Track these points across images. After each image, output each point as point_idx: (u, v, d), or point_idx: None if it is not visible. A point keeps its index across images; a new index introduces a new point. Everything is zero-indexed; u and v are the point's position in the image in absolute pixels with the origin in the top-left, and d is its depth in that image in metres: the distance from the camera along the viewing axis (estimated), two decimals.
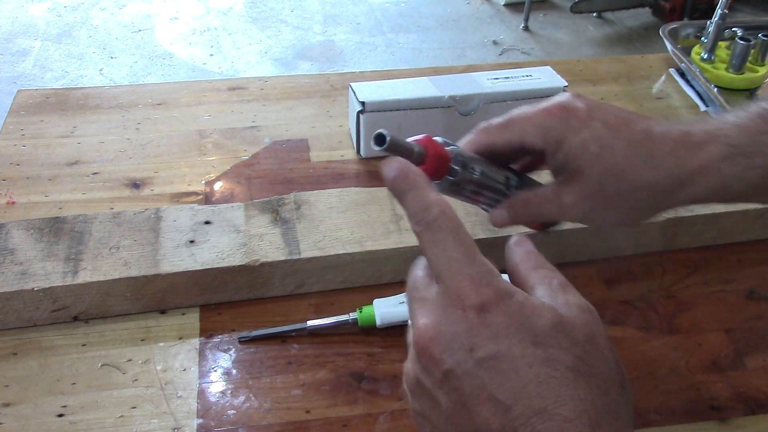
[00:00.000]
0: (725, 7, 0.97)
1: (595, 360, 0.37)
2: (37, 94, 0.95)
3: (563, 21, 3.26)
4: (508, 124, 0.51)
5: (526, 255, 0.43)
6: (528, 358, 0.35)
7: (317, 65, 2.91)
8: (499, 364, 0.35)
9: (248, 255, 0.66)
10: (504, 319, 0.36)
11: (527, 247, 0.44)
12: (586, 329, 0.38)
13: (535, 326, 0.36)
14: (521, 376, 0.35)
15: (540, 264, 0.43)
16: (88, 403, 0.58)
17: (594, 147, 0.48)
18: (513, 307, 0.37)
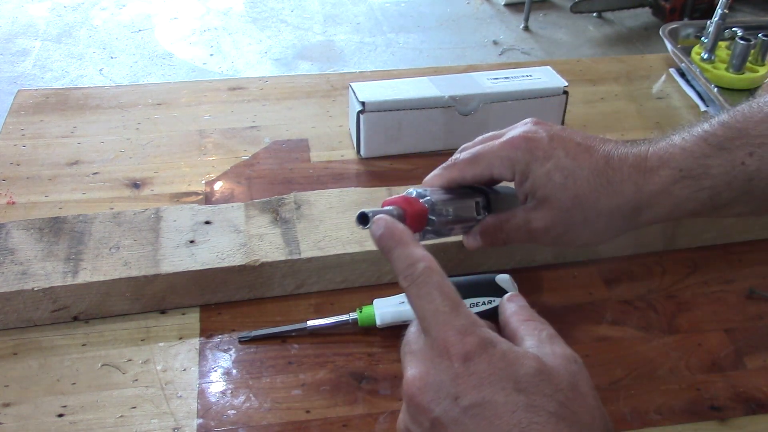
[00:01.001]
0: (725, 7, 0.97)
1: (578, 407, 0.38)
2: (37, 94, 0.95)
3: (563, 21, 3.26)
4: (475, 160, 0.55)
5: (518, 309, 0.46)
6: (511, 405, 0.36)
7: (317, 65, 2.91)
8: (484, 411, 0.36)
9: (248, 255, 0.66)
10: (487, 367, 0.37)
11: (520, 303, 0.47)
12: (570, 377, 0.39)
13: (517, 374, 0.37)
14: (505, 422, 0.36)
15: (530, 317, 0.45)
16: (88, 403, 0.58)
17: (558, 177, 0.53)
18: (496, 355, 0.38)
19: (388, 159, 0.85)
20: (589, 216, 0.53)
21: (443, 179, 0.56)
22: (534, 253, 0.72)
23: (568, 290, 0.70)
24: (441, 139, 0.86)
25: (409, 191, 0.54)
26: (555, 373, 0.38)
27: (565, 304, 0.69)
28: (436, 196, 0.54)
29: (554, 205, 0.53)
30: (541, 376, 0.38)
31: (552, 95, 0.87)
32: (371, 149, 0.85)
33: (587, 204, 0.53)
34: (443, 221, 0.54)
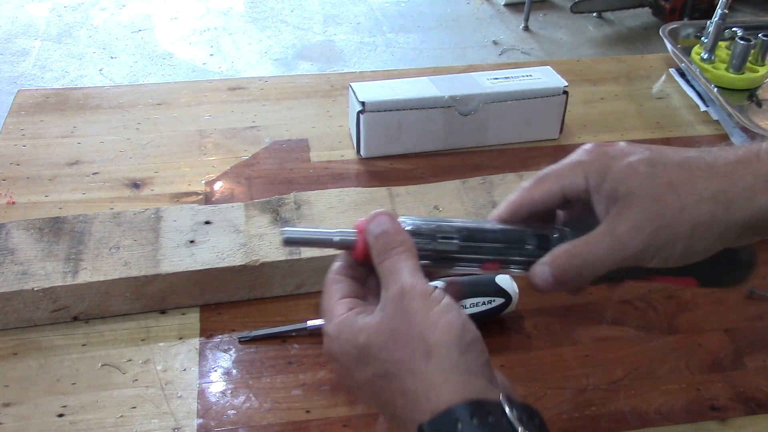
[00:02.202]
0: (725, 7, 0.97)
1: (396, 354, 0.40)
2: (37, 94, 0.95)
3: (563, 21, 3.26)
4: (542, 177, 0.47)
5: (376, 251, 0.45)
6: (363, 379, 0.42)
7: (317, 65, 2.91)
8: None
9: (248, 255, 0.66)
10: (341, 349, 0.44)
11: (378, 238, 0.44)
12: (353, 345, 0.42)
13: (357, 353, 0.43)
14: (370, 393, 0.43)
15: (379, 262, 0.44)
16: (88, 403, 0.58)
17: (643, 167, 0.44)
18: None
19: (388, 159, 0.85)
20: (687, 204, 0.43)
21: (510, 206, 0.48)
22: None
23: None
24: (441, 139, 0.86)
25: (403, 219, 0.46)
26: (372, 341, 0.41)
27: (565, 304, 0.68)
28: (424, 224, 0.46)
29: (641, 197, 0.43)
30: (366, 350, 0.41)
31: (552, 95, 0.87)
32: (371, 149, 0.85)
33: (683, 189, 0.43)
34: (439, 248, 0.45)
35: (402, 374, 0.39)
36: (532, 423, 0.38)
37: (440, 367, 0.39)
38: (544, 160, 0.86)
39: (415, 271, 0.41)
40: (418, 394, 0.39)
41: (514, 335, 0.65)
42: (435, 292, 0.41)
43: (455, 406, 0.37)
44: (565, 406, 0.59)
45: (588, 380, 0.61)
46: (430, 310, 0.40)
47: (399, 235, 0.43)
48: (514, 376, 0.61)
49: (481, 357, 0.40)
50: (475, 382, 0.39)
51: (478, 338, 0.41)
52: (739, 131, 0.90)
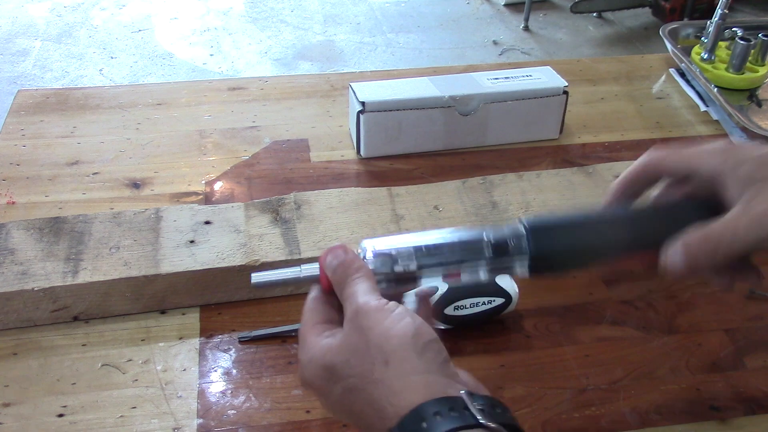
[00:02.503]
0: (725, 7, 0.97)
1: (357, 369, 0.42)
2: (37, 94, 0.95)
3: (563, 21, 3.26)
4: (681, 149, 0.49)
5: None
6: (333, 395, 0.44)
7: (317, 65, 2.91)
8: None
9: (248, 255, 0.66)
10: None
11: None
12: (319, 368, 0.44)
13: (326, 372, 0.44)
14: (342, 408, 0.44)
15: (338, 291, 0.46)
16: (88, 403, 0.58)
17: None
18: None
19: (388, 159, 0.85)
20: None
21: (639, 167, 0.50)
22: None
23: (568, 290, 0.70)
24: (441, 139, 0.86)
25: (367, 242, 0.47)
26: (336, 361, 0.43)
27: (565, 304, 0.68)
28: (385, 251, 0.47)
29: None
30: (331, 370, 0.43)
31: (552, 95, 0.87)
32: (371, 149, 0.85)
33: None
34: (393, 272, 0.46)
35: (366, 386, 0.41)
36: (494, 413, 0.39)
37: (399, 372, 0.40)
38: (544, 160, 0.86)
39: (369, 291, 0.44)
40: (383, 402, 0.40)
41: (514, 335, 0.65)
42: (388, 304, 0.43)
43: (418, 406, 0.38)
44: (565, 406, 0.59)
45: (588, 380, 0.61)
46: (384, 320, 0.42)
47: (354, 263, 0.46)
48: (514, 376, 0.61)
49: (438, 356, 0.41)
50: (434, 381, 0.40)
51: (435, 339, 0.42)
52: (739, 131, 0.91)
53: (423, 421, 0.38)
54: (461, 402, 0.39)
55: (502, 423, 0.38)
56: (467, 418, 0.38)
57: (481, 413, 0.38)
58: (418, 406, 0.38)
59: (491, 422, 0.38)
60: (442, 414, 0.38)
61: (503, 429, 0.38)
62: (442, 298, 0.63)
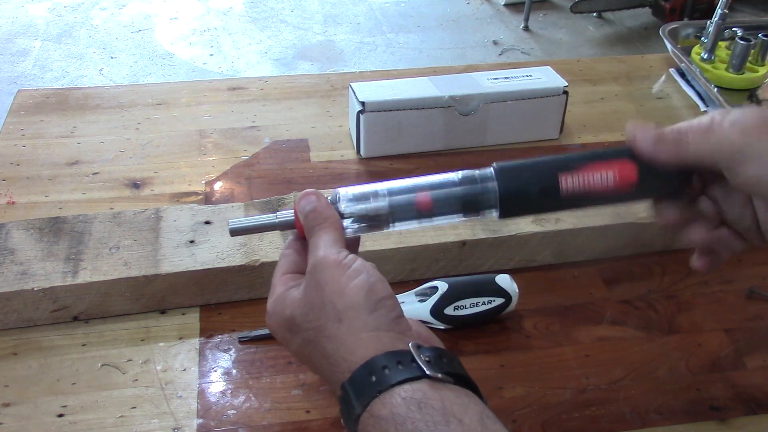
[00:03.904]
0: (725, 7, 0.97)
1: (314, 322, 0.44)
2: (37, 94, 0.95)
3: (563, 21, 3.26)
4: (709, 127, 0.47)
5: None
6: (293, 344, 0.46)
7: (317, 65, 2.91)
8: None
9: (248, 255, 0.66)
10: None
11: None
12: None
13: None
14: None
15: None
16: (88, 403, 0.58)
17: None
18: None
19: (388, 159, 0.85)
20: None
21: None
22: (534, 253, 0.72)
23: (568, 290, 0.70)
24: (441, 139, 0.86)
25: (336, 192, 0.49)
26: (296, 312, 0.45)
27: (565, 304, 0.69)
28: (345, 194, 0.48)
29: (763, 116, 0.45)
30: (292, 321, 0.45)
31: (552, 95, 0.87)
32: (371, 149, 0.85)
33: None
34: (356, 212, 0.48)
35: (321, 340, 0.43)
36: (441, 362, 0.41)
37: (350, 329, 0.42)
38: None
39: (331, 243, 0.45)
40: (336, 357, 0.42)
41: (514, 335, 0.65)
42: (346, 259, 0.44)
43: (367, 361, 0.41)
44: (565, 406, 0.59)
45: (588, 380, 0.61)
46: (340, 277, 0.43)
47: (325, 211, 0.47)
48: (514, 376, 0.61)
49: (391, 312, 0.43)
50: (384, 337, 0.42)
51: (388, 296, 0.44)
52: None
53: (372, 374, 0.40)
54: (409, 355, 0.41)
55: (448, 372, 0.40)
56: (413, 370, 0.40)
57: (427, 365, 0.40)
58: (367, 361, 0.40)
59: (437, 372, 0.40)
60: (390, 367, 0.40)
61: (449, 378, 0.40)
62: (442, 298, 0.63)
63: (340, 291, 0.43)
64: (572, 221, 0.71)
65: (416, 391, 0.39)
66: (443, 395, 0.39)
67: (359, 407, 0.40)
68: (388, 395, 0.39)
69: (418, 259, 0.69)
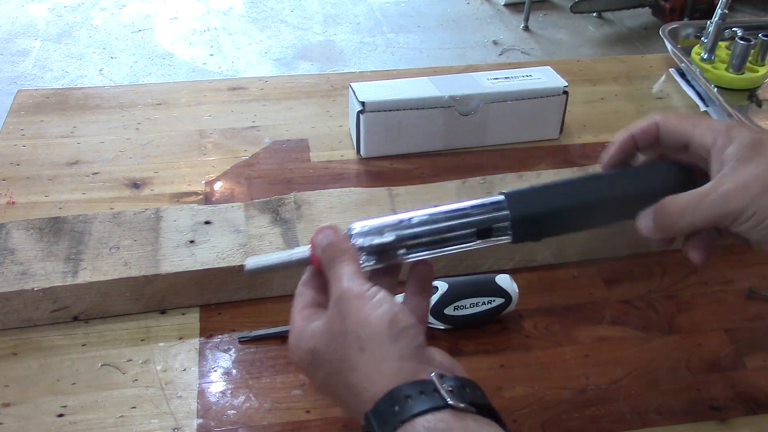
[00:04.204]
0: (725, 7, 0.97)
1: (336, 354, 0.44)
2: (37, 94, 0.95)
3: (563, 21, 3.26)
4: (686, 118, 0.51)
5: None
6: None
7: (317, 65, 2.91)
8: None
9: (248, 255, 0.66)
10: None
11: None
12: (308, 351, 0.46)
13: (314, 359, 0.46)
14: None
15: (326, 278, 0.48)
16: (88, 403, 0.58)
17: (764, 145, 0.47)
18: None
19: (388, 159, 0.85)
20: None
21: (645, 121, 0.52)
22: (534, 253, 0.72)
23: (568, 290, 0.70)
24: (441, 139, 0.86)
25: (351, 228, 0.49)
26: (320, 345, 0.45)
27: (565, 304, 0.68)
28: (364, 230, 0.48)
29: (758, 161, 0.46)
30: (316, 353, 0.45)
31: (552, 95, 0.87)
32: (371, 149, 0.85)
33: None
34: (373, 249, 0.48)
35: (344, 371, 0.43)
36: (464, 392, 0.41)
37: (373, 358, 0.42)
38: (544, 160, 0.86)
39: (353, 276, 0.45)
40: (360, 387, 0.42)
41: (514, 335, 0.65)
42: (370, 290, 0.44)
43: (390, 390, 0.40)
44: (565, 406, 0.59)
45: (588, 380, 0.61)
46: (363, 307, 0.43)
47: (342, 245, 0.47)
48: (514, 376, 0.61)
49: (414, 341, 0.43)
50: (407, 366, 0.42)
51: (411, 325, 0.43)
52: None
53: (395, 404, 0.40)
54: (432, 384, 0.40)
55: (471, 402, 0.40)
56: (436, 399, 0.40)
57: (450, 394, 0.40)
58: (390, 391, 0.40)
59: (460, 402, 0.40)
60: (413, 397, 0.40)
61: (472, 407, 0.40)
62: (442, 298, 0.63)
63: (363, 321, 0.43)
64: None
65: (439, 421, 0.39)
66: (466, 425, 0.39)
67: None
68: (410, 425, 0.39)
69: None
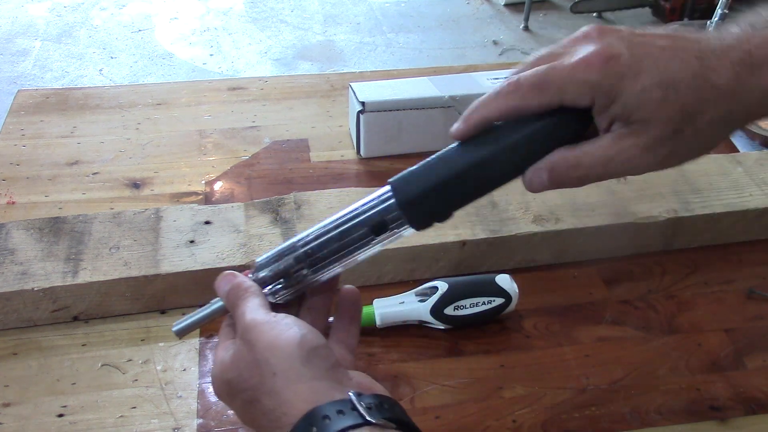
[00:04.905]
0: (725, 7, 0.97)
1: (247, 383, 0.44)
2: (37, 94, 0.95)
3: (563, 21, 3.26)
4: (542, 85, 0.45)
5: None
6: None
7: (317, 65, 2.91)
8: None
9: (248, 255, 0.66)
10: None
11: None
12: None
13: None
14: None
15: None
16: (88, 403, 0.58)
17: (656, 92, 0.44)
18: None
19: (388, 159, 0.85)
20: (699, 127, 0.45)
21: (501, 107, 0.46)
22: (534, 253, 0.72)
23: (568, 290, 0.70)
24: (441, 139, 0.86)
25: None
26: (230, 373, 0.45)
27: (565, 304, 0.68)
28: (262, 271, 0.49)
29: (658, 124, 0.44)
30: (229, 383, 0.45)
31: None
32: (371, 149, 0.85)
33: (697, 117, 0.45)
34: (277, 286, 0.49)
35: (260, 397, 0.42)
36: (382, 408, 0.40)
37: (287, 381, 0.41)
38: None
39: (257, 307, 0.45)
40: (277, 412, 0.41)
41: (514, 335, 0.65)
42: (276, 317, 0.44)
43: (307, 412, 0.40)
44: (565, 406, 0.59)
45: (588, 380, 0.61)
46: (269, 333, 0.43)
47: (243, 284, 0.48)
48: (514, 376, 0.61)
49: (325, 362, 0.43)
50: (321, 387, 0.41)
51: (321, 345, 0.43)
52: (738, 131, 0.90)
53: (313, 426, 0.39)
54: (349, 403, 0.40)
55: (389, 418, 0.40)
56: (355, 417, 0.39)
57: (368, 411, 0.39)
58: (307, 413, 0.40)
59: (378, 419, 0.39)
60: (331, 417, 0.39)
61: (390, 424, 0.40)
62: (442, 298, 0.63)
63: (271, 346, 0.43)
64: (572, 221, 0.71)
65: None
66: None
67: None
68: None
69: (418, 259, 0.69)
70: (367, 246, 0.47)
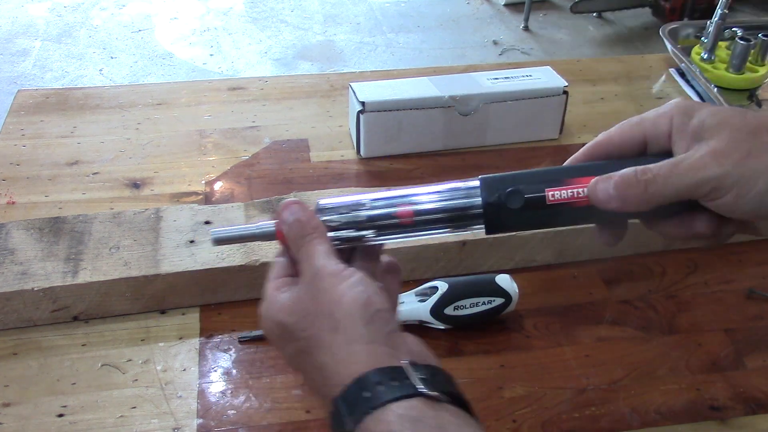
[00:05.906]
0: (725, 7, 0.97)
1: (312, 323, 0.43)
2: (37, 94, 0.95)
3: (563, 21, 3.26)
4: (628, 122, 0.50)
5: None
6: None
7: (317, 65, 2.91)
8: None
9: (248, 255, 0.66)
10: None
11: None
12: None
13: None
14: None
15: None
16: (88, 403, 0.58)
17: (731, 111, 0.45)
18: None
19: (388, 159, 0.85)
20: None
21: (587, 148, 0.51)
22: (534, 253, 0.72)
23: (568, 290, 0.70)
24: (441, 139, 0.86)
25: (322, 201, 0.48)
26: (290, 319, 0.43)
27: (565, 304, 0.69)
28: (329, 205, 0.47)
29: (733, 129, 0.43)
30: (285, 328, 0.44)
31: (552, 95, 0.87)
32: (371, 149, 0.85)
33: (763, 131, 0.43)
34: (340, 222, 0.47)
35: (315, 350, 0.42)
36: (435, 380, 0.40)
37: (346, 339, 0.41)
38: (544, 160, 0.86)
39: (327, 255, 0.44)
40: (330, 369, 0.41)
41: (514, 335, 0.65)
42: (345, 270, 0.43)
43: (361, 375, 0.39)
44: (565, 406, 0.59)
45: (588, 380, 0.61)
46: (338, 287, 0.42)
47: (311, 222, 0.45)
48: (514, 376, 0.61)
49: (386, 326, 0.42)
50: (379, 351, 0.41)
51: (385, 309, 0.42)
52: None
53: (365, 390, 0.39)
54: (403, 372, 0.40)
55: (443, 391, 0.39)
56: (409, 387, 0.39)
57: (422, 382, 0.39)
58: (361, 376, 0.39)
59: (432, 391, 0.39)
60: (384, 384, 0.39)
61: (443, 396, 0.39)
62: (442, 298, 0.63)
63: (337, 300, 0.42)
64: None
65: (411, 408, 0.38)
66: (438, 414, 0.38)
67: (351, 423, 0.39)
68: (382, 412, 0.38)
69: (418, 259, 0.69)
70: (437, 230, 0.47)
